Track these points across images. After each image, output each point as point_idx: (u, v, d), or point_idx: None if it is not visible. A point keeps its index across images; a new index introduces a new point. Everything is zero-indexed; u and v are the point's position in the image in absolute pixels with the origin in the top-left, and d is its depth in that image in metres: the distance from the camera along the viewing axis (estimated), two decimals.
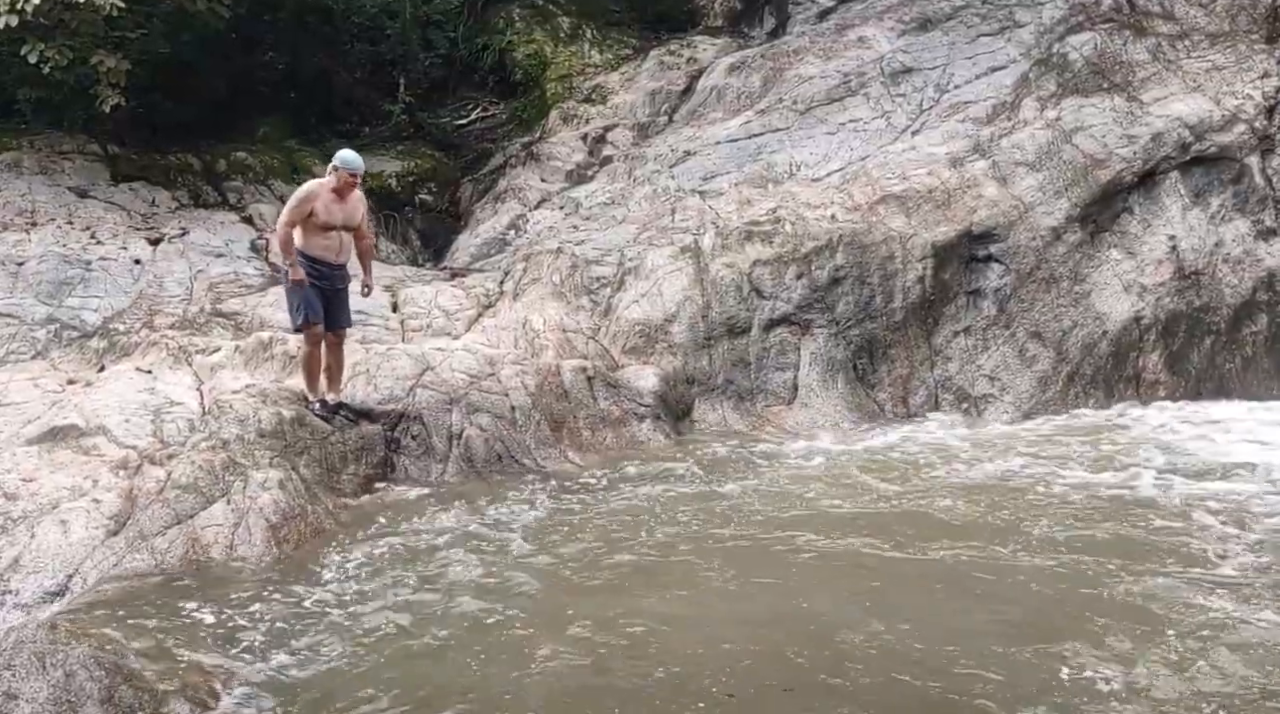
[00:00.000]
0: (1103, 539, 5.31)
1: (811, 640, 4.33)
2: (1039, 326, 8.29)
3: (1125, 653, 4.17)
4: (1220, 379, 8.29)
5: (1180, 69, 9.12)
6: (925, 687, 3.98)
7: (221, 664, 4.24)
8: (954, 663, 4.12)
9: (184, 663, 4.23)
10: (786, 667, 4.16)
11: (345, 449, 6.37)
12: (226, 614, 4.70)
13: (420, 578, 5.05)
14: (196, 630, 4.54)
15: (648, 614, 4.57)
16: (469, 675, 4.15)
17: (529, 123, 11.62)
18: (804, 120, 9.98)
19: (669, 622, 4.52)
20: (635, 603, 4.70)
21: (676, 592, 4.83)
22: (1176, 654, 4.15)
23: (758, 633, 4.42)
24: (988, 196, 8.61)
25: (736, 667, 4.16)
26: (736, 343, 8.10)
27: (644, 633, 4.42)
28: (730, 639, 4.37)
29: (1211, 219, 8.60)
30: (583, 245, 8.88)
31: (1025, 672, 4.06)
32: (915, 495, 6.07)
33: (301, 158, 10.85)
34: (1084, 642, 4.23)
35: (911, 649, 4.25)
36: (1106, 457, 6.71)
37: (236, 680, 4.13)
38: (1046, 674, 4.02)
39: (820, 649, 4.26)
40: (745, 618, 4.55)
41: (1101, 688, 3.95)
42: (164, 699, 3.93)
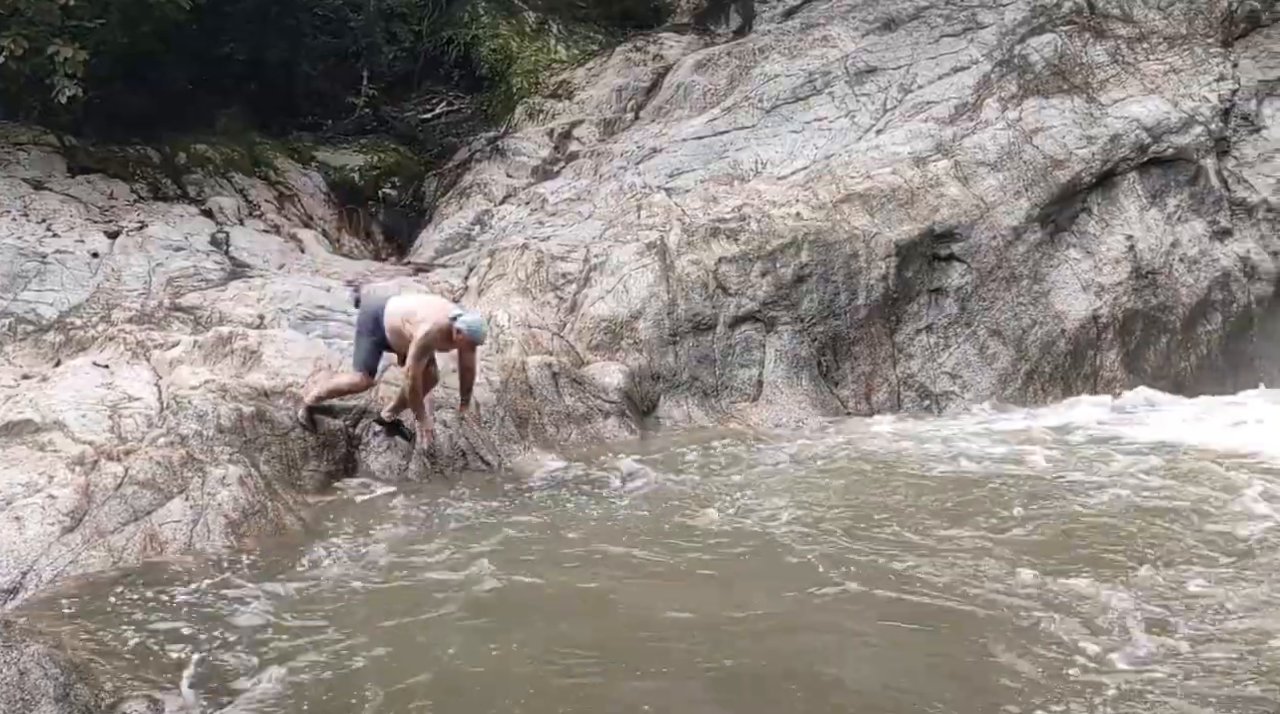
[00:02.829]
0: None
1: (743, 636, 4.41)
2: (999, 325, 8.40)
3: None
4: (1175, 377, 8.45)
5: (1139, 71, 9.27)
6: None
7: (179, 661, 4.19)
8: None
9: (141, 661, 4.18)
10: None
11: (306, 446, 6.31)
12: (184, 611, 4.64)
13: (382, 575, 5.02)
14: (153, 628, 4.48)
15: (611, 613, 4.58)
16: (433, 672, 4.13)
17: (494, 118, 11.58)
18: (769, 118, 10.03)
19: (631, 620, 4.53)
20: (599, 601, 4.70)
21: (642, 587, 4.84)
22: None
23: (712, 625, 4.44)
24: (950, 196, 8.70)
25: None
26: (702, 340, 8.12)
27: (605, 633, 4.42)
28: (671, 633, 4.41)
29: (1168, 219, 8.75)
30: (548, 241, 8.86)
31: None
32: (873, 491, 6.13)
33: (263, 150, 10.74)
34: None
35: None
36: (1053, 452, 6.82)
37: (194, 678, 4.08)
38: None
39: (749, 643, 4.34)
40: (697, 609, 4.59)
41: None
42: (120, 697, 3.88)
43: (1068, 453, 6.69)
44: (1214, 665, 4.06)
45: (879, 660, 4.19)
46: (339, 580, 4.99)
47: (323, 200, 10.59)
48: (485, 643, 4.32)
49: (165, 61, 10.29)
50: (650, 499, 6.09)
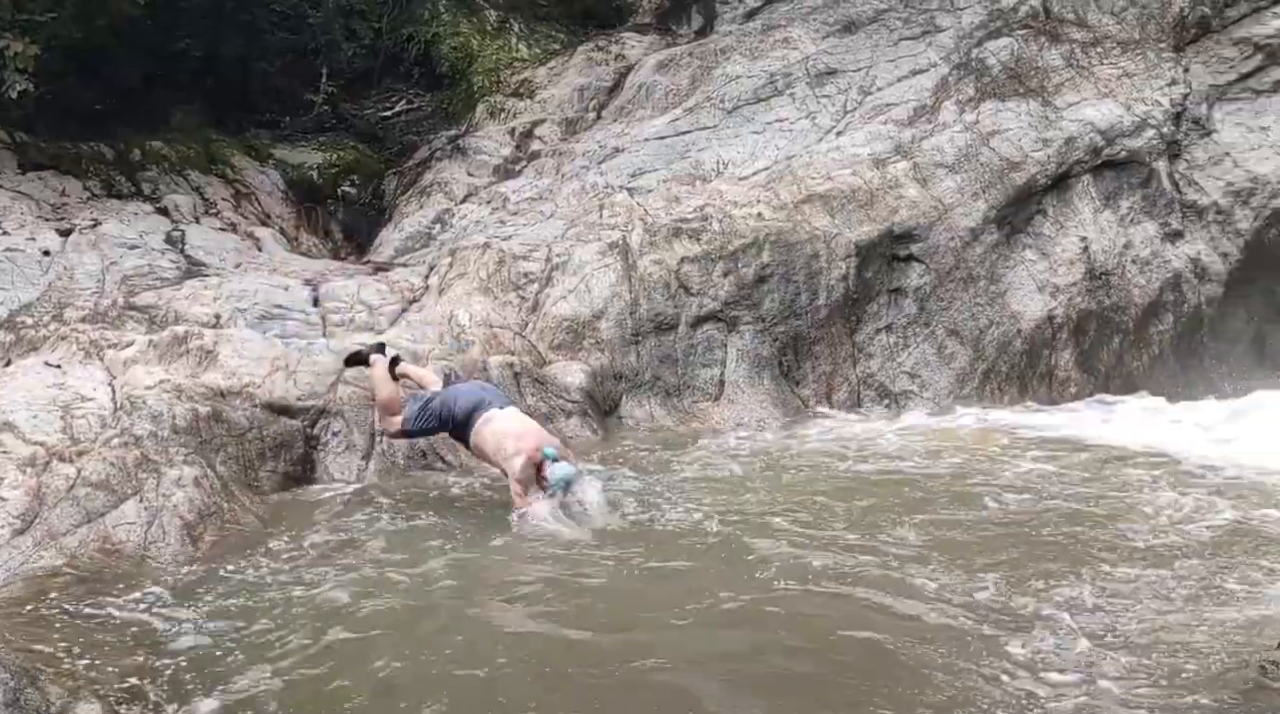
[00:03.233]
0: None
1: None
2: (957, 325, 8.50)
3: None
4: (1128, 377, 8.59)
5: (1093, 75, 9.41)
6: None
7: (132, 664, 4.13)
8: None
9: (93, 664, 4.11)
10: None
11: (263, 446, 6.24)
12: (138, 614, 4.58)
13: (337, 577, 4.97)
14: (106, 631, 4.42)
15: (568, 614, 4.57)
16: (385, 675, 4.09)
17: (455, 116, 11.51)
18: (731, 119, 10.06)
19: (567, 618, 4.52)
20: (555, 601, 4.70)
21: (596, 590, 4.83)
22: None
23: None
24: (909, 197, 8.78)
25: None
26: (664, 339, 8.14)
27: (562, 632, 4.41)
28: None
29: (1121, 221, 8.90)
30: (510, 241, 8.83)
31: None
32: (814, 490, 6.22)
33: (219, 148, 10.59)
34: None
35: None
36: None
37: (147, 681, 4.02)
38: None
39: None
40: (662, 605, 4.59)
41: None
42: (72, 701, 3.81)
43: (1014, 453, 6.77)
44: (1143, 671, 4.09)
45: (803, 667, 4.15)
46: (297, 583, 4.93)
47: (280, 198, 10.47)
48: (427, 649, 4.27)
49: (119, 57, 10.12)
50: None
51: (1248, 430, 7.01)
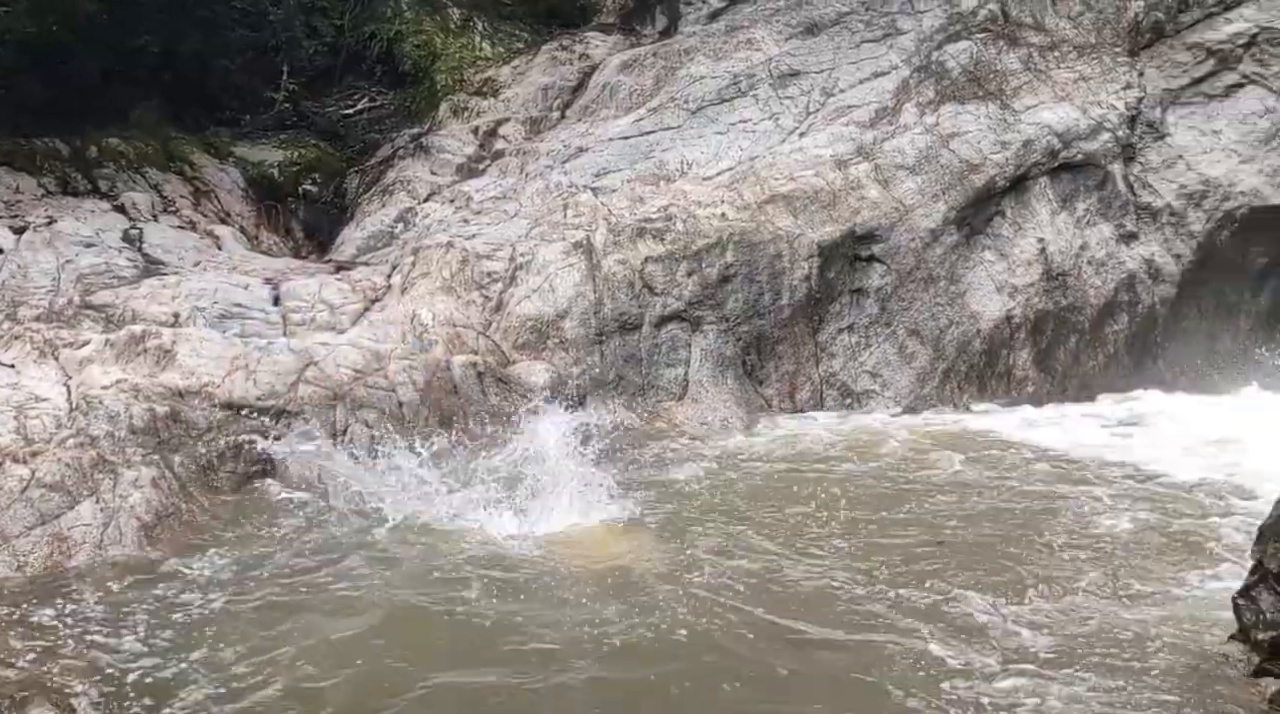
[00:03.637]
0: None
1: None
2: (918, 325, 8.59)
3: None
4: (1084, 376, 8.73)
5: (1050, 79, 9.55)
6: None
7: (86, 667, 4.07)
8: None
9: (48, 667, 4.06)
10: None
11: (223, 446, 6.19)
12: (93, 616, 4.52)
13: (298, 578, 4.94)
14: (61, 633, 4.36)
15: (471, 622, 4.55)
16: (343, 677, 4.07)
17: (418, 114, 11.44)
18: (695, 119, 10.10)
19: (494, 627, 4.51)
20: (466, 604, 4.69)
21: (551, 594, 4.84)
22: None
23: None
24: (870, 198, 8.87)
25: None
26: (628, 339, 8.16)
27: (470, 639, 4.41)
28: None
29: (1078, 223, 9.04)
30: (473, 240, 8.80)
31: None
32: (756, 492, 6.30)
33: (178, 145, 10.46)
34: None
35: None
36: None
37: (103, 684, 3.97)
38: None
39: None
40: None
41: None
42: (25, 705, 3.76)
43: (955, 453, 6.85)
44: (1091, 672, 4.12)
45: (731, 679, 4.10)
46: (256, 584, 4.90)
47: (240, 196, 10.36)
48: (381, 650, 4.25)
49: (76, 52, 9.96)
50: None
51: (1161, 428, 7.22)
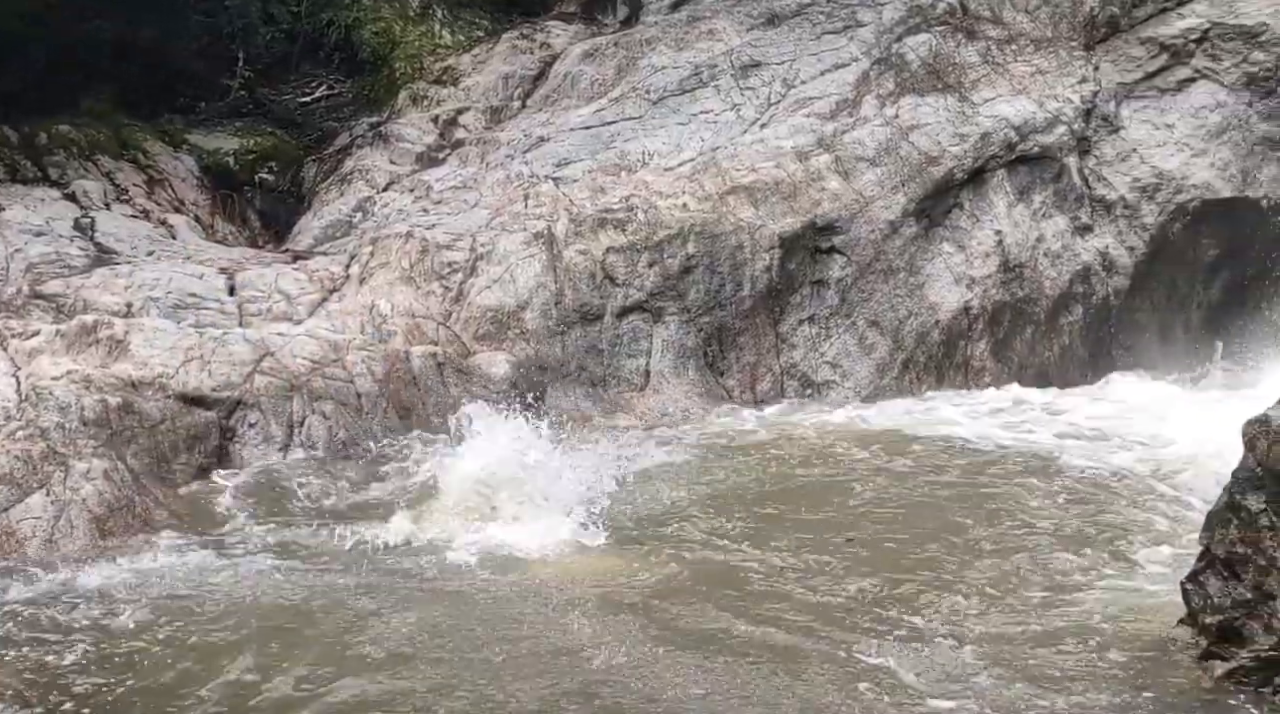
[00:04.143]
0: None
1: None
2: (877, 316, 8.66)
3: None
4: (1040, 366, 8.85)
5: (1008, 72, 9.65)
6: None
7: (34, 663, 4.00)
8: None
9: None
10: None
11: (177, 438, 6.11)
12: (42, 610, 4.45)
13: (250, 573, 4.88)
14: (6, 628, 4.28)
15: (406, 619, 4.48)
16: (295, 672, 4.02)
17: (377, 103, 11.32)
18: (657, 109, 10.08)
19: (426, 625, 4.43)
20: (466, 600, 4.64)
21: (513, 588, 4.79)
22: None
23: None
24: (831, 190, 8.91)
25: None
26: (589, 330, 8.15)
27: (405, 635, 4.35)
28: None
29: (1034, 215, 9.15)
30: (433, 229, 8.74)
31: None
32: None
33: (131, 133, 10.28)
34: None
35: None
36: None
37: (49, 680, 3.91)
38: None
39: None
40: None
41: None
42: None
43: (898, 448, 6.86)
44: (1041, 663, 4.10)
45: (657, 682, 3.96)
46: (208, 579, 4.85)
47: (195, 185, 10.21)
48: (335, 648, 4.20)
49: (25, 38, 9.76)
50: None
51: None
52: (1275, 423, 3.84)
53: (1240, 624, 3.83)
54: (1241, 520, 3.86)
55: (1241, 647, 3.82)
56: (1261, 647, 3.76)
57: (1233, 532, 3.88)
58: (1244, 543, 3.84)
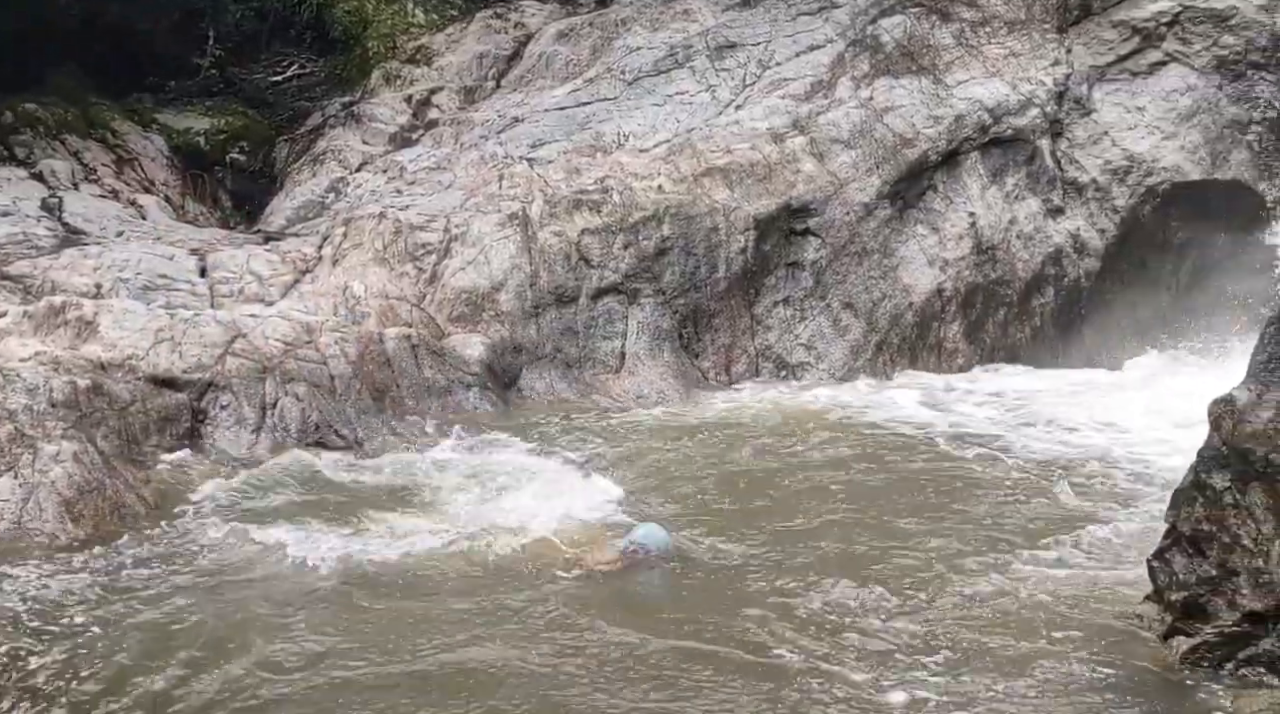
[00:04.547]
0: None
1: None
2: (851, 298, 8.69)
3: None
4: (1012, 348, 8.91)
5: (981, 54, 9.67)
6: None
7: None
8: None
9: None
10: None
11: (148, 420, 6.05)
12: (9, 594, 4.41)
13: (220, 558, 4.85)
14: None
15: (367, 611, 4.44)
16: (263, 658, 3.98)
17: (349, 82, 11.23)
18: (632, 90, 10.05)
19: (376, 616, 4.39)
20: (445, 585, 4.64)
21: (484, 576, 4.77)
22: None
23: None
24: (806, 172, 8.92)
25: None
26: (564, 312, 8.14)
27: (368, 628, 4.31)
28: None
29: (1007, 198, 9.19)
30: (407, 210, 8.68)
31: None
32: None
33: (99, 112, 10.15)
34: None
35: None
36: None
37: (15, 664, 3.88)
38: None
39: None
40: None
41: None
42: None
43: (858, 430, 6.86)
44: (994, 641, 4.09)
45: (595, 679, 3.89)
46: (179, 563, 4.82)
47: (165, 165, 10.10)
48: (301, 635, 4.16)
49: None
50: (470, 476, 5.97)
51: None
52: (1240, 402, 3.89)
53: (1205, 600, 3.89)
54: (1207, 498, 3.91)
55: (1206, 623, 3.88)
56: (1225, 623, 3.82)
57: (1198, 509, 3.93)
58: (1209, 520, 3.89)
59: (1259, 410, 3.82)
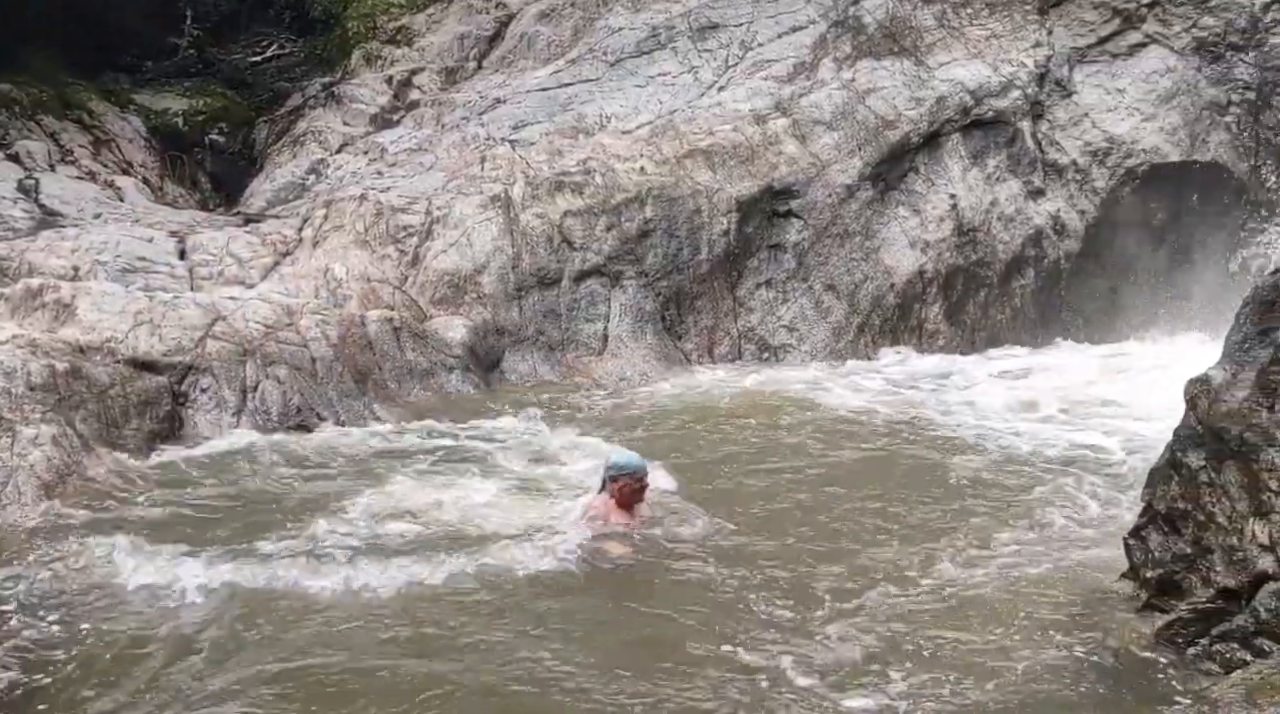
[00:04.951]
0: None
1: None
2: (833, 279, 8.71)
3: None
4: (992, 329, 8.96)
5: (963, 35, 9.67)
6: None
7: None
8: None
9: None
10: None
11: (127, 403, 6.02)
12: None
13: (200, 540, 4.83)
14: None
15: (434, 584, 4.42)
16: (240, 651, 3.94)
17: (329, 63, 11.13)
18: (614, 72, 10.01)
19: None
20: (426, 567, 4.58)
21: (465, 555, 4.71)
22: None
23: None
24: (788, 153, 8.91)
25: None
26: (547, 294, 8.12)
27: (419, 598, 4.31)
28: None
29: (988, 179, 9.22)
30: (388, 192, 8.64)
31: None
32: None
33: (75, 92, 10.03)
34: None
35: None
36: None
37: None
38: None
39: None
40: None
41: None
42: None
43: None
44: (970, 621, 4.10)
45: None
46: (159, 546, 4.76)
47: (143, 146, 10.00)
48: (273, 622, 4.12)
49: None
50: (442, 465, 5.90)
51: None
52: (1216, 382, 3.93)
53: (1180, 577, 3.94)
54: (1182, 477, 3.95)
55: (1180, 599, 3.93)
56: (1199, 599, 3.87)
57: (1174, 488, 3.98)
58: (1184, 499, 3.93)
59: (1234, 390, 3.86)
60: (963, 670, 3.79)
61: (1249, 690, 3.22)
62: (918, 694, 3.65)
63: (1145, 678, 3.76)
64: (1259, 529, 3.62)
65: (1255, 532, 3.64)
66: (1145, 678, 3.76)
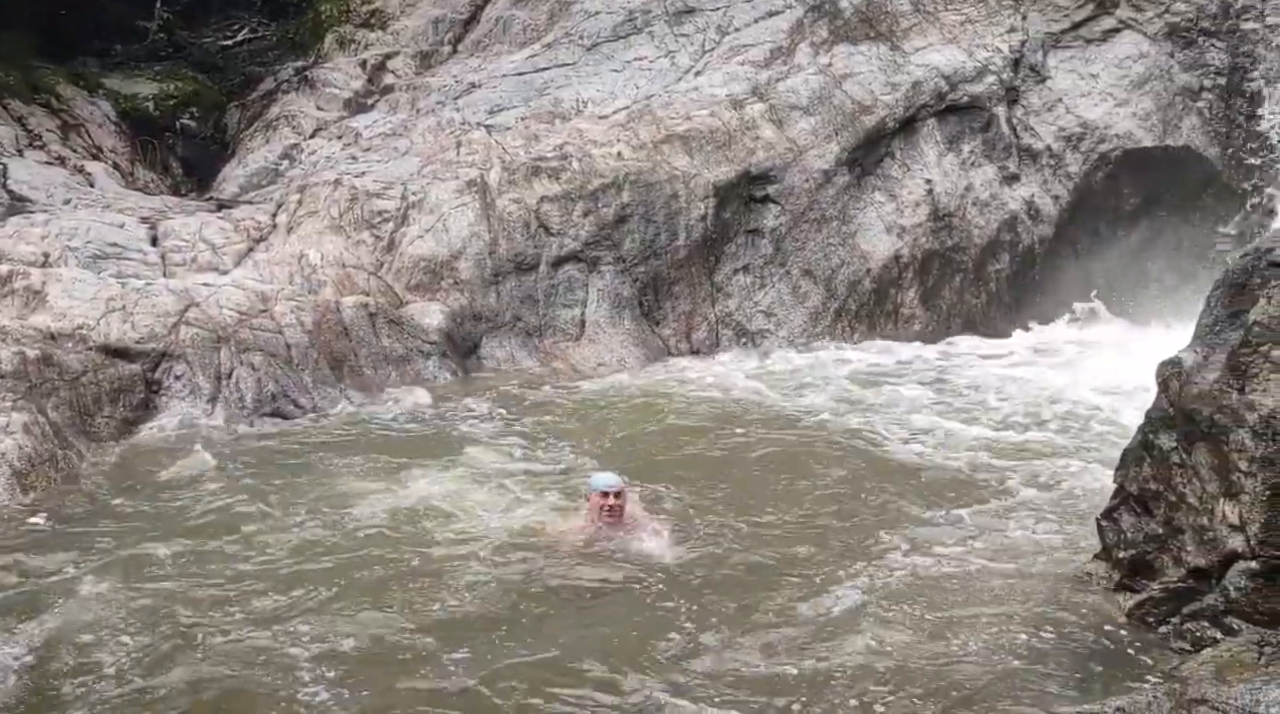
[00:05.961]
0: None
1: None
2: (810, 265, 8.73)
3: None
4: (967, 313, 9.01)
5: (939, 20, 9.68)
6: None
7: None
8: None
9: None
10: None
11: (100, 391, 5.96)
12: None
13: (173, 528, 4.81)
14: None
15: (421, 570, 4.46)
16: (214, 641, 3.94)
17: (302, 46, 11.02)
18: (591, 56, 9.96)
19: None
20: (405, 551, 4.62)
21: (446, 535, 4.77)
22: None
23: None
24: (765, 138, 8.91)
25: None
26: (524, 280, 8.10)
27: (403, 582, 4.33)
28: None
29: (963, 165, 9.25)
30: (363, 177, 8.57)
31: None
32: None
33: (43, 76, 9.88)
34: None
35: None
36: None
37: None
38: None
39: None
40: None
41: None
42: None
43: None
44: (947, 602, 4.12)
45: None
46: (132, 534, 4.76)
47: (113, 131, 9.87)
48: (256, 609, 4.14)
49: None
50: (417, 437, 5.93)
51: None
52: (1187, 364, 3.97)
53: (1151, 558, 3.98)
54: (1154, 458, 3.99)
55: (1152, 579, 3.98)
56: (1171, 579, 3.92)
57: (1146, 469, 4.02)
58: (1156, 480, 3.97)
59: (1205, 372, 3.89)
60: (934, 652, 3.82)
61: (1219, 668, 3.26)
62: (889, 675, 3.67)
63: (1117, 656, 3.80)
64: (1229, 509, 3.66)
65: (1225, 512, 3.68)
66: (1117, 656, 3.80)
